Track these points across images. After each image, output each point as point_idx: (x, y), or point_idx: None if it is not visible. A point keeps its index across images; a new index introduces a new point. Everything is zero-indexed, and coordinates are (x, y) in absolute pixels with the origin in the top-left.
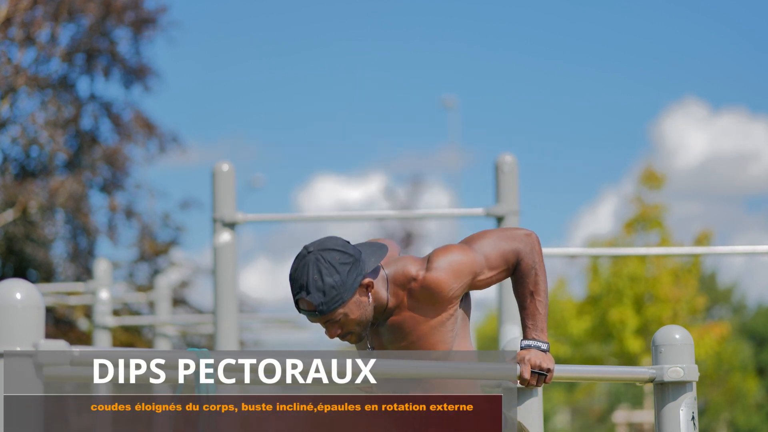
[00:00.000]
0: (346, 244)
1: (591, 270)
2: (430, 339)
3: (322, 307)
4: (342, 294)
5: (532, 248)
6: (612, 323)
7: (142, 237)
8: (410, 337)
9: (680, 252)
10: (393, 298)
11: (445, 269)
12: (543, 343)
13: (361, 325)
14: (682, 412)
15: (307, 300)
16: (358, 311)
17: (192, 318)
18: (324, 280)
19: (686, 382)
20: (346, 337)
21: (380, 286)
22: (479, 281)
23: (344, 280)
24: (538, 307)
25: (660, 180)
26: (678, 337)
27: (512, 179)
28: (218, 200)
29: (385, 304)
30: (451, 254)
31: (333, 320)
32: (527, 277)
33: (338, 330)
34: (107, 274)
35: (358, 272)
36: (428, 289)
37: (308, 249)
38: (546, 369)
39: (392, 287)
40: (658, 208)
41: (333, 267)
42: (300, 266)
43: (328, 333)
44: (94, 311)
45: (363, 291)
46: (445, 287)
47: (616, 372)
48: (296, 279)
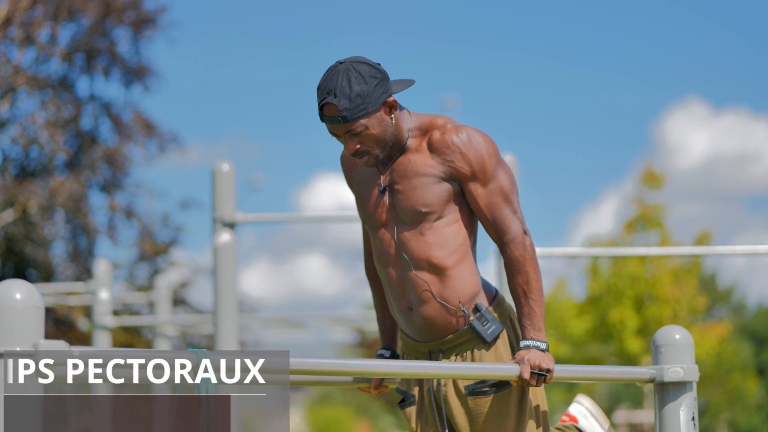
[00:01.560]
0: (378, 64)
1: (591, 270)
2: (423, 191)
3: (346, 113)
4: (367, 104)
5: (523, 243)
6: (612, 323)
7: (142, 237)
8: (408, 183)
9: (680, 252)
10: (412, 139)
11: (468, 141)
12: (542, 342)
13: (380, 144)
14: (683, 412)
15: (333, 104)
16: (379, 127)
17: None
18: (352, 88)
19: (686, 383)
20: (363, 156)
21: (404, 119)
22: (468, 186)
23: (371, 92)
24: (533, 306)
25: (660, 180)
26: (678, 337)
27: None
28: (218, 200)
29: (403, 141)
30: (484, 142)
31: (354, 132)
32: (518, 274)
33: (357, 144)
34: (107, 274)
35: (385, 89)
36: (442, 141)
37: (340, 61)
38: (546, 369)
39: (415, 130)
40: (658, 208)
41: (362, 77)
42: (331, 74)
43: (347, 146)
44: (94, 311)
45: (387, 109)
46: (453, 149)
47: (616, 372)
48: (325, 85)
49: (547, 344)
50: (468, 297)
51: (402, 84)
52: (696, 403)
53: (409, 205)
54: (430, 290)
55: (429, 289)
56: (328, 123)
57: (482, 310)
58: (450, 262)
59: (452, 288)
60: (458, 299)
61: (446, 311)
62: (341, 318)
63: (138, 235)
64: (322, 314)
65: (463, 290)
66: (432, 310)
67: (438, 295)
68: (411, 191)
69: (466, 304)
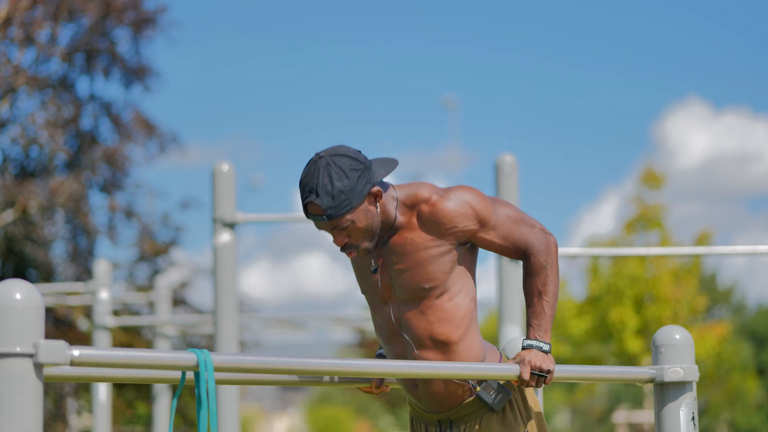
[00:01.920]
0: (358, 153)
1: (591, 270)
2: (428, 267)
3: (331, 211)
4: (351, 199)
5: (547, 248)
6: (612, 323)
7: (141, 237)
8: (409, 260)
9: (680, 252)
10: (401, 217)
11: (459, 203)
12: (545, 344)
13: (368, 235)
14: (683, 412)
15: (316, 203)
16: (365, 220)
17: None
18: (333, 184)
19: (686, 383)
20: (352, 249)
21: (389, 201)
22: (481, 236)
23: (353, 186)
24: (544, 307)
25: (660, 180)
26: (678, 337)
27: (512, 179)
28: (218, 200)
29: (392, 221)
30: (471, 194)
31: (340, 227)
32: (537, 275)
33: (345, 238)
34: (107, 274)
35: (368, 180)
36: (435, 214)
37: (320, 155)
38: (546, 370)
39: (402, 207)
40: (658, 208)
41: (343, 172)
42: (311, 171)
43: (336, 240)
44: (94, 311)
45: (371, 200)
46: (451, 216)
47: (616, 372)
48: (306, 183)
49: (550, 346)
50: None
51: (385, 168)
52: (696, 403)
53: (411, 283)
54: None
55: None
56: (314, 221)
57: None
58: (455, 337)
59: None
60: None
61: (452, 386)
62: (341, 318)
63: (138, 235)
64: (322, 314)
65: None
66: (437, 386)
67: None
68: (413, 269)
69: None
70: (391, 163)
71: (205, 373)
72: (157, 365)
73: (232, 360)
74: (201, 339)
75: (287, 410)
